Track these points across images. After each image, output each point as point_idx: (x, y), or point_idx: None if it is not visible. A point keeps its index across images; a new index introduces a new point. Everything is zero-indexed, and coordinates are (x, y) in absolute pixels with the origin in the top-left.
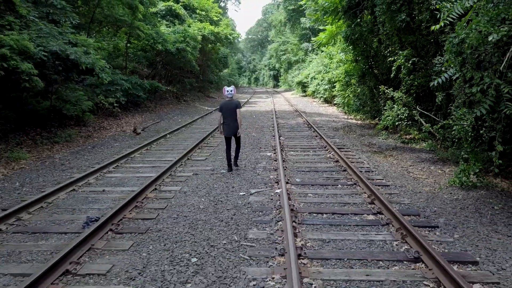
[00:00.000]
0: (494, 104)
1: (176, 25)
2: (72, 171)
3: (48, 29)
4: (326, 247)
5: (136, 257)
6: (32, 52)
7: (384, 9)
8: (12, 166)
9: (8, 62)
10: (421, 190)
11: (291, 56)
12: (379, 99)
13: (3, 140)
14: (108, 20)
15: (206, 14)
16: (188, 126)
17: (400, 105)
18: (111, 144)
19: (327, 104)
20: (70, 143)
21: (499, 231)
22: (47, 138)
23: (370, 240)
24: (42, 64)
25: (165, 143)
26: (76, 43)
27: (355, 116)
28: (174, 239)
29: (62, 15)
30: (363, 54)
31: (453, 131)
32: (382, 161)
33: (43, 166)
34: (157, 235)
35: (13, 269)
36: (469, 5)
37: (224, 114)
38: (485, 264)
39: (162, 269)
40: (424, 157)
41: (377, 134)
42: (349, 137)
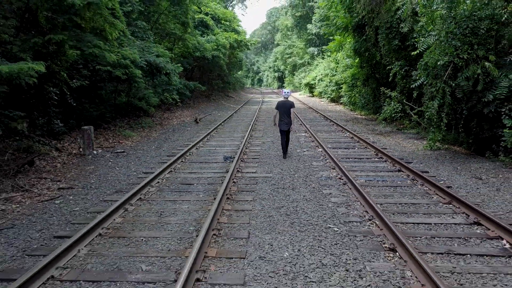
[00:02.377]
0: (442, 98)
1: (209, 35)
2: (178, 143)
3: (141, 44)
4: (362, 177)
5: (259, 166)
6: (138, 62)
7: (383, 37)
8: (132, 140)
9: (129, 70)
10: (406, 150)
11: (297, 59)
12: (380, 98)
13: (113, 124)
14: (165, 33)
15: (229, 24)
16: (230, 118)
17: (395, 102)
18: (184, 129)
19: (333, 103)
20: (152, 127)
21: (443, 165)
22: (135, 124)
23: (376, 166)
24: (141, 69)
25: (225, 128)
26: (158, 55)
27: (360, 112)
28: (273, 161)
29: (143, 33)
30: (367, 62)
31: (426, 115)
32: (382, 139)
33: (151, 142)
34: (262, 159)
35: (207, 171)
36: (431, 42)
37: (280, 111)
38: (430, 173)
39: (275, 160)
40: (411, 136)
41: (378, 124)
42: (357, 125)
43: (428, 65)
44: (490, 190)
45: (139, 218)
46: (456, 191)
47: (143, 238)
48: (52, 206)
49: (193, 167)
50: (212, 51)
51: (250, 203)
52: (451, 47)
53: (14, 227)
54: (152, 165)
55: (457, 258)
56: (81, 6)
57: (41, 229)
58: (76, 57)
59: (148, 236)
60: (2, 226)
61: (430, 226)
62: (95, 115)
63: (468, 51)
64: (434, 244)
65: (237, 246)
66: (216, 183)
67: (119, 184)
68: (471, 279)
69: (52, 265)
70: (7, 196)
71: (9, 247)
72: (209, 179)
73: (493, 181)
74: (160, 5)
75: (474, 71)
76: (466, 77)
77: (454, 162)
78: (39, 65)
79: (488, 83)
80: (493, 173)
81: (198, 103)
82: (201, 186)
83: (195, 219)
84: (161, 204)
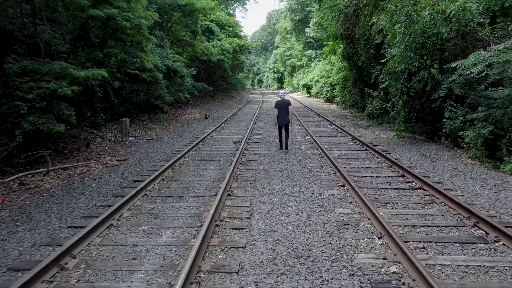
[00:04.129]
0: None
1: (214, 40)
2: (195, 133)
3: (161, 51)
4: (336, 153)
5: (260, 147)
6: (159, 66)
7: (362, 46)
8: (156, 131)
9: (152, 73)
10: (377, 138)
11: (296, 61)
12: (365, 97)
13: (137, 118)
14: (176, 39)
15: (232, 30)
16: (235, 114)
17: (376, 100)
18: (196, 123)
19: (328, 103)
20: (169, 122)
21: (402, 147)
22: (155, 119)
23: (349, 147)
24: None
25: (232, 122)
26: (175, 60)
27: (350, 110)
28: (271, 144)
29: (161, 41)
30: (355, 66)
31: (394, 110)
32: (362, 130)
33: (172, 132)
34: (263, 143)
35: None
36: (395, 52)
37: (279, 109)
38: (402, 160)
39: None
40: (387, 129)
41: (362, 119)
42: (344, 121)
43: (390, 71)
44: (426, 162)
45: (183, 172)
46: (401, 162)
47: (190, 181)
48: (120, 168)
49: (211, 147)
50: (217, 56)
51: (255, 166)
52: (407, 57)
53: (101, 179)
54: (180, 147)
55: (380, 191)
56: (128, 27)
57: (122, 178)
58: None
59: (192, 180)
60: (93, 178)
61: (372, 177)
62: (122, 111)
63: (419, 60)
64: (370, 185)
65: (248, 183)
66: (230, 156)
67: (160, 157)
68: (384, 198)
69: (142, 190)
70: (84, 164)
71: (106, 187)
72: (225, 154)
73: (433, 157)
74: (173, 15)
75: (423, 75)
76: (418, 80)
77: (411, 145)
78: (103, 71)
79: (434, 85)
80: (435, 152)
81: (205, 102)
82: (220, 157)
83: (220, 173)
84: (195, 166)
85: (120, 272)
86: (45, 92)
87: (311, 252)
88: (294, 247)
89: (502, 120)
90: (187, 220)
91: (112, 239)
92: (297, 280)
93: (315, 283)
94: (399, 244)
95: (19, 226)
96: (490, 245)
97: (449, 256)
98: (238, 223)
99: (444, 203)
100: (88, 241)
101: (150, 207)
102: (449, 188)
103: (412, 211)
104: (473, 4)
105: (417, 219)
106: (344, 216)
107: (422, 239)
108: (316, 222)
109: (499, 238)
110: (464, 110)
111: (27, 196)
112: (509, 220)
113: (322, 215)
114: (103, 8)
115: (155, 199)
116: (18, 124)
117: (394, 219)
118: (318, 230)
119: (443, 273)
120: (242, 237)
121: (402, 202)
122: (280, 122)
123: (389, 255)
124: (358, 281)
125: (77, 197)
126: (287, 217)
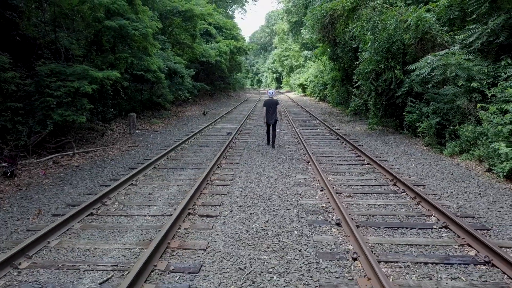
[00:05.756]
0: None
1: (212, 42)
2: (193, 126)
3: (163, 54)
4: (311, 141)
5: (249, 137)
6: (162, 68)
7: (342, 50)
8: (159, 126)
9: (156, 74)
10: (353, 131)
11: (293, 62)
12: (350, 95)
13: (141, 115)
14: (176, 42)
15: (230, 32)
16: (231, 112)
17: (359, 98)
18: (195, 119)
19: (321, 102)
20: (170, 118)
21: (371, 137)
22: (158, 115)
23: (324, 137)
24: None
25: (227, 118)
26: (176, 62)
27: (338, 108)
28: (258, 135)
29: (163, 44)
30: (340, 67)
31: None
32: (342, 125)
33: (173, 126)
34: (251, 134)
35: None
36: (366, 56)
37: (267, 108)
38: (364, 146)
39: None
40: (365, 123)
41: (346, 115)
42: (329, 117)
43: (361, 72)
44: (385, 147)
45: (184, 154)
46: (363, 147)
47: (189, 159)
48: (131, 152)
49: (207, 137)
50: (215, 57)
51: (242, 150)
52: (374, 60)
53: (118, 159)
54: (181, 137)
55: (336, 165)
56: (136, 35)
57: (135, 158)
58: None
59: (191, 159)
60: (111, 158)
61: (334, 158)
62: (128, 108)
63: (385, 62)
64: (330, 162)
65: (234, 160)
66: (223, 143)
67: (164, 144)
68: (337, 169)
69: (151, 164)
70: (101, 148)
71: (123, 163)
72: (218, 141)
73: (393, 144)
74: (174, 21)
75: (388, 75)
76: (384, 79)
77: (379, 136)
78: (117, 72)
79: (398, 83)
80: (396, 141)
81: (204, 101)
82: (214, 144)
83: (213, 154)
84: (193, 150)
85: (141, 206)
86: (70, 90)
87: (271, 197)
88: (260, 194)
89: (448, 113)
90: (186, 181)
91: (133, 191)
92: (258, 209)
93: (268, 210)
94: (332, 193)
95: (63, 186)
96: (398, 194)
97: (365, 200)
98: (223, 182)
99: (381, 173)
100: (117, 191)
101: (158, 174)
102: (391, 164)
103: (354, 177)
104: (429, 15)
105: (355, 181)
106: (302, 179)
107: (351, 192)
108: (280, 182)
109: (405, 190)
110: (421, 105)
111: (61, 170)
112: (421, 182)
113: (286, 179)
114: (115, 19)
115: (162, 170)
116: (49, 116)
117: (337, 182)
118: (280, 187)
119: (355, 208)
120: (225, 189)
121: (349, 172)
122: (268, 120)
123: (323, 199)
124: (297, 211)
125: (101, 170)
126: (260, 179)
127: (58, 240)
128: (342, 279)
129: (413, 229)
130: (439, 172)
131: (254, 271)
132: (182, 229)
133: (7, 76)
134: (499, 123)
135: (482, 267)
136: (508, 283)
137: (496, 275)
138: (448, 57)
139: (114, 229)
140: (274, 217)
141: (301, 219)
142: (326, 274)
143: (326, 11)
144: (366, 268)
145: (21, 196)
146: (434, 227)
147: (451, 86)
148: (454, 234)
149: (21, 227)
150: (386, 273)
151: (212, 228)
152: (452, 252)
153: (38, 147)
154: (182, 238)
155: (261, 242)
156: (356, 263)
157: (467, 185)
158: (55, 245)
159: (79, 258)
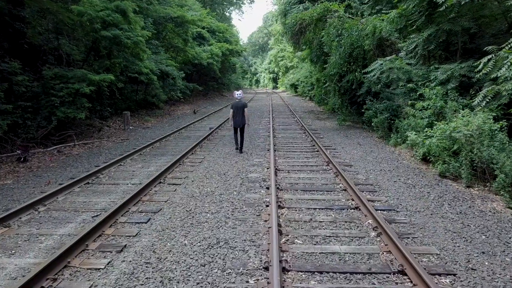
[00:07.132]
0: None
1: (205, 45)
2: (181, 123)
3: (156, 57)
4: (281, 135)
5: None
6: (154, 70)
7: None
8: (151, 123)
9: (148, 76)
10: (324, 126)
11: (288, 62)
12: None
13: (136, 113)
14: (170, 45)
15: (223, 35)
16: (220, 110)
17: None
18: (185, 116)
19: (310, 101)
20: (162, 116)
21: (335, 132)
22: (151, 114)
23: (294, 131)
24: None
25: (215, 116)
26: (167, 65)
27: (322, 107)
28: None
29: (156, 48)
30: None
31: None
32: (317, 121)
33: (164, 123)
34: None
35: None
36: (333, 60)
37: (234, 111)
38: (324, 139)
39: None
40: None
41: (325, 113)
42: (309, 114)
43: (327, 74)
44: (343, 140)
45: (167, 144)
46: (322, 140)
47: (170, 148)
48: (124, 144)
49: (191, 132)
50: (207, 59)
51: (217, 141)
52: (338, 64)
53: (112, 148)
54: (169, 131)
55: (290, 152)
56: (129, 43)
57: (126, 147)
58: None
59: (172, 148)
60: (106, 148)
61: (292, 147)
62: (124, 107)
63: (347, 66)
64: (286, 149)
65: (208, 148)
66: (204, 136)
67: (152, 137)
68: (289, 155)
69: (138, 151)
70: (98, 141)
71: (115, 151)
72: (200, 135)
73: (352, 136)
74: (167, 26)
75: (350, 77)
76: (347, 80)
77: (344, 131)
78: (111, 75)
79: (359, 84)
80: (356, 135)
81: (197, 100)
82: (195, 137)
83: (192, 145)
84: (176, 141)
85: (126, 178)
86: (71, 91)
87: (227, 173)
88: (219, 172)
89: (396, 109)
90: (164, 163)
91: (121, 169)
92: (213, 180)
93: (221, 180)
94: (273, 170)
95: (66, 168)
96: (325, 171)
97: (298, 175)
98: (193, 164)
99: (322, 157)
100: (108, 169)
101: (142, 158)
102: (336, 151)
103: (299, 160)
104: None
105: (298, 163)
106: (257, 162)
107: (290, 169)
108: (239, 164)
109: (332, 168)
110: (377, 103)
111: (64, 157)
112: (351, 163)
113: (244, 161)
114: (110, 30)
115: (146, 155)
116: (53, 113)
117: (284, 163)
118: (237, 167)
119: (287, 179)
120: (193, 168)
121: (298, 157)
122: (235, 123)
123: (265, 173)
124: (242, 181)
125: (97, 156)
126: (224, 162)
127: (64, 197)
128: (253, 216)
129: (322, 191)
130: (373, 157)
131: (195, 211)
132: (152, 191)
133: (18, 79)
134: (421, 117)
135: (350, 210)
136: (358, 216)
137: (355, 213)
138: (393, 62)
139: (104, 191)
140: (223, 184)
141: (242, 186)
142: (244, 213)
143: (296, 21)
144: (271, 210)
145: (34, 174)
146: (336, 190)
147: (394, 86)
148: (347, 194)
149: (36, 190)
150: (283, 212)
151: (175, 191)
152: (336, 203)
153: (44, 139)
154: (151, 196)
155: (207, 198)
156: (267, 208)
157: (388, 165)
158: (62, 199)
159: (78, 206)
